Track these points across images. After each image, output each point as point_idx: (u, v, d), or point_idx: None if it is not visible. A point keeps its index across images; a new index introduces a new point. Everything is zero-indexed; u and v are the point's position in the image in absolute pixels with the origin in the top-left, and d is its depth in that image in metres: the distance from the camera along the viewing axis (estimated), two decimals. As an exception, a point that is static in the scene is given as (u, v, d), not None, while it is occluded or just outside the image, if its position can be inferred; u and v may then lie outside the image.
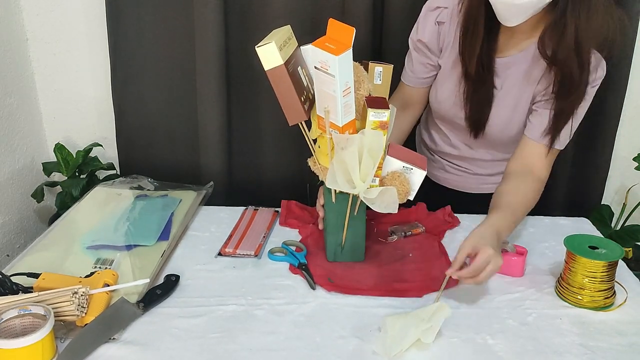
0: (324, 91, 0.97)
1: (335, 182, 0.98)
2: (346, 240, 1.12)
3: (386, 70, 1.11)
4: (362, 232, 1.12)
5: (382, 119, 0.98)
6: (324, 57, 0.92)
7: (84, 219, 1.27)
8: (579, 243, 1.04)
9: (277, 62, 0.95)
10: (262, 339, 0.92)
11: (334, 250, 1.13)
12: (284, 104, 1.00)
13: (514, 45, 1.18)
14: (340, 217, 1.10)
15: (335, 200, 1.09)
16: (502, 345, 0.92)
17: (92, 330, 0.89)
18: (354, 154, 0.97)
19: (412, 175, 1.06)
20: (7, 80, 1.56)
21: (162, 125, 1.69)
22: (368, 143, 0.98)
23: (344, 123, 0.99)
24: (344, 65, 0.93)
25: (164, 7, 1.56)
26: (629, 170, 1.73)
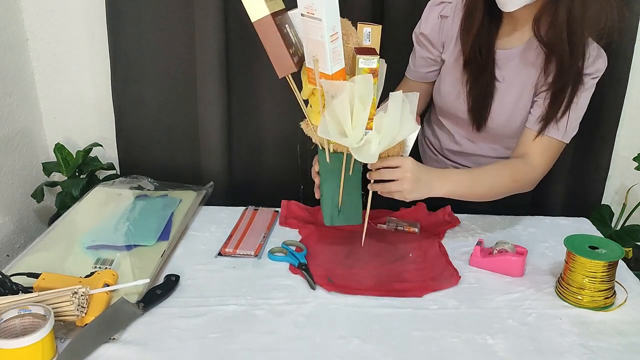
0: (311, 39, 0.96)
1: (327, 132, 0.97)
2: (342, 203, 1.10)
3: (375, 31, 1.09)
4: (358, 193, 1.11)
5: (371, 66, 0.97)
6: (309, 1, 0.91)
7: (84, 219, 1.27)
8: (579, 243, 1.04)
9: (263, 13, 0.95)
10: (262, 339, 0.92)
11: (331, 213, 1.12)
12: (273, 56, 0.98)
13: (516, 38, 1.19)
14: (335, 179, 1.08)
15: (329, 160, 1.07)
16: (502, 345, 0.92)
17: (92, 330, 0.89)
18: (344, 102, 0.96)
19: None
20: (7, 80, 1.56)
21: (162, 125, 1.69)
22: (359, 89, 0.96)
23: (333, 71, 0.98)
24: (330, 7, 0.91)
25: (164, 7, 1.56)
26: (629, 170, 1.73)
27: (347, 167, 1.07)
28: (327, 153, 1.07)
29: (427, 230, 1.27)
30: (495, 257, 1.12)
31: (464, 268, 1.13)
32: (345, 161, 1.06)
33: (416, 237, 1.24)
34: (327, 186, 1.10)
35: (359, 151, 0.99)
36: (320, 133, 0.98)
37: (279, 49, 0.97)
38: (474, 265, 1.14)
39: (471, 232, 1.28)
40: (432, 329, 0.95)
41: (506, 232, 1.28)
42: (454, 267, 1.12)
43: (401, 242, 1.22)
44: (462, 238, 1.25)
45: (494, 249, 1.13)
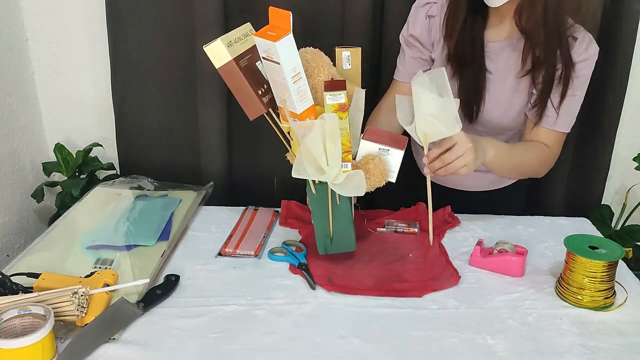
0: (275, 80, 0.96)
1: (304, 171, 0.98)
2: (334, 231, 1.10)
3: (354, 54, 1.09)
4: (349, 220, 1.10)
5: (339, 102, 0.97)
6: (266, 46, 0.92)
7: (84, 219, 1.27)
8: (579, 243, 1.04)
9: (225, 59, 0.96)
10: (262, 339, 0.92)
11: (324, 242, 1.12)
12: (241, 99, 1.00)
13: (504, 29, 1.20)
14: (323, 208, 1.08)
15: (315, 191, 1.07)
16: (502, 345, 0.92)
17: (92, 330, 0.89)
18: (316, 140, 0.96)
19: (389, 157, 1.05)
20: (7, 80, 1.56)
21: (162, 125, 1.68)
22: (327, 127, 0.97)
23: (301, 110, 0.98)
24: (286, 50, 0.92)
25: (164, 7, 1.56)
26: (629, 170, 1.73)
27: (333, 196, 1.06)
28: (312, 184, 1.06)
29: (427, 230, 1.27)
30: (495, 257, 1.12)
31: (464, 268, 1.13)
32: (331, 190, 1.06)
33: (416, 237, 1.24)
34: (317, 216, 1.10)
35: (343, 187, 1.00)
36: (294, 174, 0.99)
37: (247, 93, 0.99)
38: (474, 265, 1.14)
39: (471, 232, 1.28)
40: (432, 329, 0.95)
41: (506, 232, 1.28)
42: (454, 267, 1.12)
43: (401, 242, 1.22)
44: (462, 238, 1.25)
45: (494, 249, 1.13)
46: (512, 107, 1.22)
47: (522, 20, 1.12)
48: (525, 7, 1.11)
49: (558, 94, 1.18)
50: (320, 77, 1.02)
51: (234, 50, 0.98)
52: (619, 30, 1.52)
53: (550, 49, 1.14)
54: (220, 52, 0.96)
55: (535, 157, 1.22)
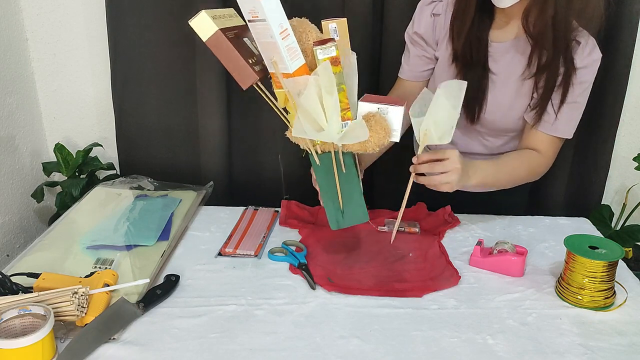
0: (264, 42, 0.95)
1: (302, 131, 0.96)
2: (344, 203, 1.08)
3: (341, 25, 1.06)
4: (358, 190, 1.08)
5: (331, 54, 0.95)
6: (250, 5, 0.90)
7: (84, 219, 1.27)
8: (579, 243, 1.04)
9: (212, 30, 0.94)
10: (262, 339, 0.92)
11: (335, 216, 1.09)
12: (232, 70, 0.98)
13: (509, 31, 1.20)
14: (330, 178, 1.06)
15: (318, 161, 1.05)
16: (502, 345, 0.92)
17: (92, 330, 0.89)
18: (312, 95, 0.95)
19: (389, 115, 1.03)
20: (7, 80, 1.56)
21: (162, 125, 1.69)
22: (322, 80, 0.95)
23: (294, 69, 0.96)
24: (271, 5, 0.90)
25: (164, 8, 1.56)
26: (629, 170, 1.73)
27: (338, 164, 1.05)
28: (315, 155, 1.05)
29: (427, 230, 1.27)
30: (495, 257, 1.12)
31: (464, 268, 1.13)
32: (335, 159, 1.04)
33: (416, 237, 1.24)
34: (325, 189, 1.08)
35: (345, 136, 0.97)
36: (295, 133, 0.97)
37: (236, 60, 0.97)
38: (474, 265, 1.14)
39: (471, 232, 1.28)
40: (432, 329, 0.95)
41: (506, 232, 1.28)
42: (454, 267, 1.12)
43: (401, 242, 1.22)
44: (462, 238, 1.25)
45: (494, 249, 1.13)
46: (514, 110, 1.22)
47: (529, 23, 1.12)
48: (533, 9, 1.10)
49: (558, 99, 1.18)
50: (309, 41, 1.00)
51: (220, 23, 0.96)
52: (619, 30, 1.52)
53: (556, 53, 1.13)
54: (205, 24, 0.95)
55: (525, 170, 1.23)
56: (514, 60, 1.20)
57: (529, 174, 1.24)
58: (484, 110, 1.24)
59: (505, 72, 1.21)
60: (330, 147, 1.04)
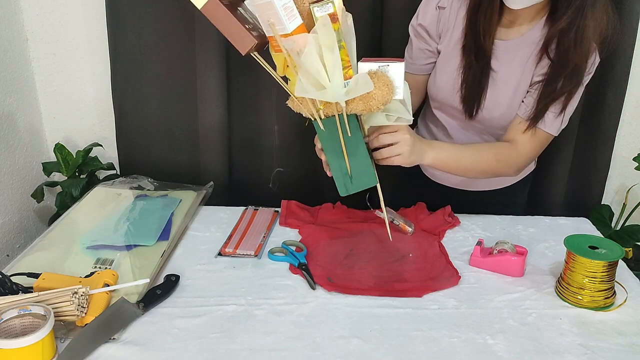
0: (259, 4, 0.94)
1: (304, 90, 0.95)
2: (351, 167, 1.07)
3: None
4: (365, 153, 1.06)
5: (328, 11, 0.94)
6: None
7: (84, 219, 1.27)
8: (579, 243, 1.04)
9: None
10: (262, 339, 0.92)
11: (343, 182, 1.08)
12: (230, 35, 0.96)
13: (514, 30, 1.20)
14: (335, 143, 1.05)
15: (323, 127, 1.04)
16: (502, 345, 0.92)
17: (92, 330, 0.89)
18: (312, 54, 0.94)
19: (391, 70, 1.01)
20: (7, 80, 1.56)
21: (162, 125, 1.69)
22: (322, 38, 0.94)
23: (292, 29, 0.95)
24: None
25: (164, 7, 1.56)
26: (629, 170, 1.73)
27: (343, 128, 1.03)
28: (319, 120, 1.03)
29: (427, 230, 1.27)
30: (495, 257, 1.12)
31: (464, 268, 1.13)
32: (340, 122, 1.02)
33: (416, 237, 1.24)
34: (331, 155, 1.06)
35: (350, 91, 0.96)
36: (297, 93, 0.95)
37: (233, 26, 0.95)
38: (474, 265, 1.14)
39: (471, 232, 1.28)
40: (432, 329, 0.95)
41: (506, 232, 1.28)
42: (454, 267, 1.12)
43: (401, 242, 1.22)
44: (462, 238, 1.25)
45: (494, 249, 1.13)
46: (512, 108, 1.22)
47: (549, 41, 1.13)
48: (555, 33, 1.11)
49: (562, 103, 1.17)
50: (305, 4, 0.98)
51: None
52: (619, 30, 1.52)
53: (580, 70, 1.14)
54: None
55: (493, 157, 1.21)
56: (514, 60, 1.20)
57: (498, 164, 1.21)
58: (482, 107, 1.24)
59: (505, 71, 1.21)
60: (333, 111, 1.02)
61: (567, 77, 1.14)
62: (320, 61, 0.94)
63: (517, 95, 1.21)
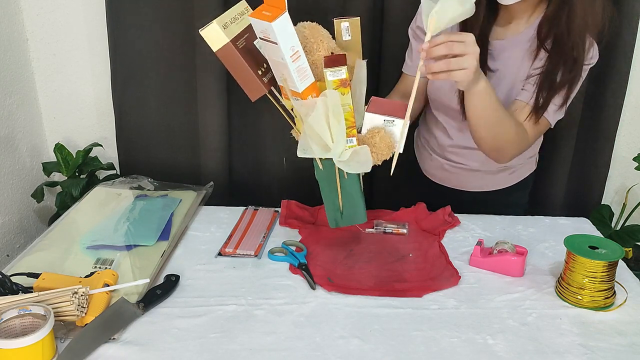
0: (274, 60, 0.95)
1: (310, 149, 0.97)
2: (344, 205, 1.09)
3: (353, 25, 1.06)
4: (359, 193, 1.09)
5: (340, 77, 0.95)
6: (262, 26, 0.90)
7: (84, 219, 1.27)
8: (579, 243, 1.04)
9: (223, 42, 0.94)
10: (262, 339, 0.92)
11: (334, 216, 1.11)
12: (241, 81, 0.98)
13: (511, 29, 1.20)
14: (331, 182, 1.07)
15: (322, 166, 1.06)
16: (502, 345, 0.92)
17: (92, 330, 0.89)
18: (319, 117, 0.95)
19: (395, 128, 1.03)
20: (7, 80, 1.56)
21: (162, 125, 1.69)
22: (330, 104, 0.95)
23: (303, 89, 0.97)
24: (283, 30, 0.90)
25: (164, 8, 1.56)
26: (629, 170, 1.73)
27: (340, 170, 1.05)
28: (319, 160, 1.05)
29: (427, 230, 1.27)
30: (495, 257, 1.12)
31: (464, 268, 1.13)
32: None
33: (416, 237, 1.24)
34: (326, 191, 1.09)
35: (349, 164, 0.99)
36: (300, 153, 0.98)
37: (247, 74, 0.97)
38: (474, 265, 1.14)
39: (471, 232, 1.28)
40: (432, 329, 0.95)
41: (506, 232, 1.28)
42: (454, 267, 1.12)
43: (401, 242, 1.22)
44: (462, 238, 1.25)
45: (494, 249, 1.13)
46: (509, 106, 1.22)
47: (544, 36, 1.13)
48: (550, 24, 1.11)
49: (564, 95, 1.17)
50: (320, 52, 1.00)
51: (231, 32, 0.95)
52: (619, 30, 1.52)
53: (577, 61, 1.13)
54: (216, 35, 0.94)
55: (515, 126, 1.15)
56: (510, 58, 1.20)
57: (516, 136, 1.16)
58: None
59: (502, 70, 1.21)
60: None
61: (566, 67, 1.14)
62: (326, 124, 0.96)
63: (514, 93, 1.21)
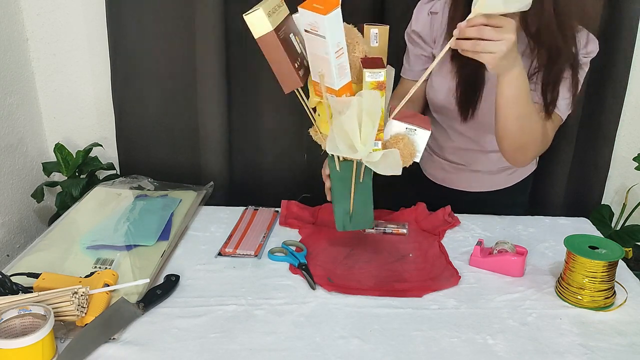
0: (316, 55, 0.94)
1: (336, 147, 0.96)
2: (354, 208, 1.09)
3: (382, 32, 1.06)
4: (370, 198, 1.09)
5: (378, 79, 0.95)
6: (312, 19, 0.89)
7: (84, 219, 1.27)
8: (579, 243, 1.04)
9: (266, 29, 0.92)
10: (262, 339, 0.92)
11: (342, 219, 1.11)
12: (278, 72, 0.97)
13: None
14: (346, 185, 1.07)
15: (339, 168, 1.06)
16: (502, 345, 0.92)
17: (92, 330, 0.89)
18: (352, 117, 0.94)
19: (416, 136, 1.03)
20: (7, 80, 1.56)
21: (162, 125, 1.69)
22: (366, 105, 0.95)
23: (340, 86, 0.96)
24: (334, 24, 0.89)
25: (164, 7, 1.56)
26: (629, 170, 1.73)
27: (357, 174, 1.06)
28: (337, 161, 1.05)
29: (427, 230, 1.27)
30: (495, 257, 1.12)
31: (464, 268, 1.13)
32: (356, 169, 1.05)
33: (416, 237, 1.24)
34: (338, 193, 1.09)
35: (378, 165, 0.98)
36: (329, 150, 0.98)
37: (285, 65, 0.96)
38: (474, 265, 1.14)
39: (471, 232, 1.28)
40: (432, 329, 0.95)
41: (506, 232, 1.28)
42: (454, 267, 1.12)
43: (401, 243, 1.22)
44: (462, 238, 1.25)
45: (494, 249, 1.13)
46: None
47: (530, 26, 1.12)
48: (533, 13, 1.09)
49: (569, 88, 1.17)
50: (355, 53, 0.99)
51: (273, 21, 0.93)
52: (619, 30, 1.52)
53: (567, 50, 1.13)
54: (261, 21, 0.92)
55: (541, 121, 1.15)
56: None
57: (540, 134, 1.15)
58: (477, 109, 1.24)
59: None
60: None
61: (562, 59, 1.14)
62: (357, 124, 0.95)
63: None
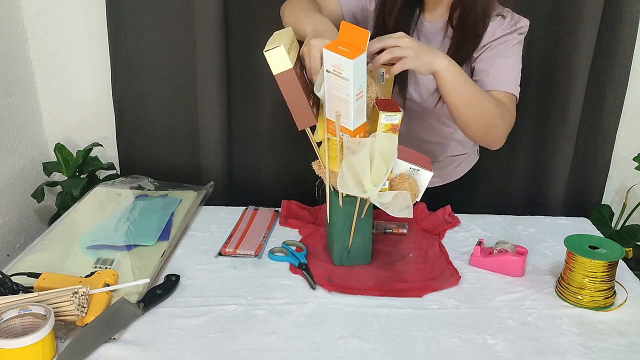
0: (335, 95, 0.94)
1: (345, 186, 0.97)
2: (353, 244, 1.11)
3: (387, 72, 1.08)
4: (369, 235, 1.11)
5: (393, 122, 0.97)
6: (337, 61, 0.90)
7: (84, 219, 1.27)
8: (579, 243, 1.04)
9: (286, 66, 0.93)
10: (262, 339, 0.92)
11: (340, 254, 1.12)
12: (294, 109, 0.97)
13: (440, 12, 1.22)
14: (347, 221, 1.08)
15: (342, 204, 1.07)
16: (502, 345, 0.92)
17: (92, 330, 0.89)
18: (365, 157, 0.95)
19: (419, 177, 1.05)
20: (7, 80, 1.56)
21: (162, 125, 1.69)
22: (380, 146, 0.96)
23: (355, 127, 0.97)
24: (359, 69, 0.90)
25: (164, 7, 1.56)
26: (629, 170, 1.73)
27: (359, 210, 1.06)
28: (340, 197, 1.06)
29: (427, 230, 1.27)
30: (495, 257, 1.12)
31: (464, 268, 1.13)
32: (359, 205, 1.05)
33: (416, 237, 1.24)
34: (338, 228, 1.09)
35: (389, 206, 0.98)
36: (340, 188, 0.98)
37: (301, 102, 0.96)
38: (474, 265, 1.14)
39: (471, 232, 1.28)
40: (432, 329, 0.95)
41: (506, 232, 1.28)
42: (454, 267, 1.12)
43: (401, 243, 1.22)
44: (462, 238, 1.25)
45: (494, 249, 1.13)
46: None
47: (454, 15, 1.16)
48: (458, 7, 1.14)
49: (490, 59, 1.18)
50: (369, 94, 1.00)
51: (292, 57, 0.94)
52: (619, 30, 1.52)
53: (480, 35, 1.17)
54: (281, 58, 0.92)
55: (494, 102, 1.13)
56: (444, 42, 1.21)
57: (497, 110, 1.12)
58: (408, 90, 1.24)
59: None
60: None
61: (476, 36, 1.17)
62: (369, 165, 0.96)
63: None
